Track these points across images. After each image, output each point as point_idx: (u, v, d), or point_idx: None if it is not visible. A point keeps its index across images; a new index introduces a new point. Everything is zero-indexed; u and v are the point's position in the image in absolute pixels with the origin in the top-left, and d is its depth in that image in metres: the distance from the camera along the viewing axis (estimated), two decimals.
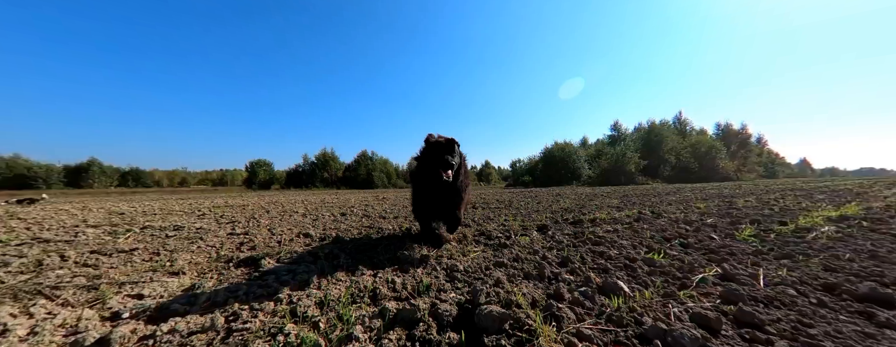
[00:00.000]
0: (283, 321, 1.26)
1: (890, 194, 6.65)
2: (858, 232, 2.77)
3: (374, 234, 3.44)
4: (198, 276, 2.06)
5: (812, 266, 1.82)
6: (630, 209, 5.08)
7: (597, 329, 1.11)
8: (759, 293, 1.40)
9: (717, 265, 1.88)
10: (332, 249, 2.69)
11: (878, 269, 1.74)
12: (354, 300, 1.46)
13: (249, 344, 1.09)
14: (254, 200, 10.66)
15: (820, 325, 1.12)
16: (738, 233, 2.90)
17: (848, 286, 1.45)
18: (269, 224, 4.48)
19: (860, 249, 2.19)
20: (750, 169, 36.12)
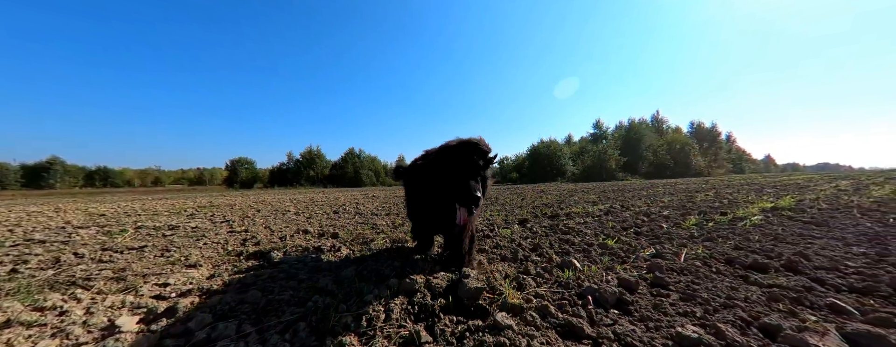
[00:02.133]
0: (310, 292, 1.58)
1: (827, 187, 7.58)
2: (778, 220, 3.36)
3: (368, 230, 3.75)
4: (213, 267, 2.31)
5: (725, 246, 2.31)
6: (603, 204, 5.62)
7: (549, 290, 1.51)
8: (676, 266, 1.84)
9: (653, 247, 2.35)
10: (333, 243, 2.99)
11: (772, 247, 2.24)
12: (363, 279, 1.80)
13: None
14: (239, 199, 10.62)
15: (705, 283, 1.56)
16: (684, 222, 3.42)
17: (741, 259, 1.93)
18: (264, 223, 4.69)
19: (770, 233, 2.72)
20: (719, 165, 38.62)
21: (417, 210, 2.05)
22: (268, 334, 1.22)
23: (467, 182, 1.47)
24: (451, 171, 1.53)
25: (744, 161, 47.12)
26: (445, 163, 1.57)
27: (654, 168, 33.24)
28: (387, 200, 8.66)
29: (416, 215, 2.12)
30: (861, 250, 2.10)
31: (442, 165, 1.59)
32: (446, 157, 1.58)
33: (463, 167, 1.52)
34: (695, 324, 1.15)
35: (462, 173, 1.51)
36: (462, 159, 1.54)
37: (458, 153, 1.56)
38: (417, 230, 2.30)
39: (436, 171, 1.63)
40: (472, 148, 1.56)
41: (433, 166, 1.66)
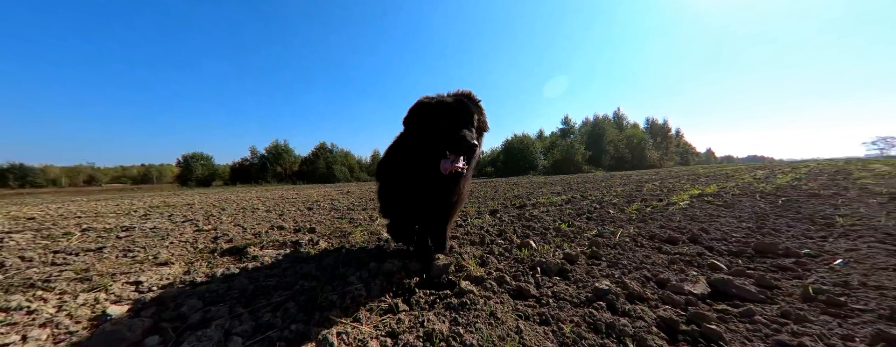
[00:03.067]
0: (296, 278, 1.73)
1: (746, 176, 8.98)
2: (699, 204, 4.03)
3: (346, 223, 3.85)
4: (187, 264, 2.32)
5: (653, 226, 2.80)
6: (566, 195, 6.19)
7: (507, 265, 1.80)
8: (611, 243, 2.25)
9: (598, 228, 2.78)
10: (311, 237, 3.07)
11: (686, 225, 2.77)
12: (345, 265, 1.97)
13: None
14: (198, 198, 9.90)
15: (628, 254, 1.96)
16: (627, 208, 3.98)
17: (660, 235, 2.39)
18: (233, 221, 4.55)
19: (689, 214, 3.31)
20: (669, 158, 43.05)
21: (395, 194, 1.77)
22: (259, 313, 1.36)
23: (459, 127, 1.28)
24: (440, 119, 1.31)
25: (689, 154, 52.92)
26: (432, 113, 1.34)
27: (616, 161, 36.16)
28: (362, 195, 8.65)
29: (394, 203, 1.83)
30: (747, 225, 2.69)
31: (428, 116, 1.35)
32: (432, 108, 1.35)
33: (453, 114, 1.31)
34: (611, 282, 1.50)
35: (453, 119, 1.30)
36: (451, 106, 1.32)
37: (445, 102, 1.34)
38: (396, 223, 2.01)
39: (420, 127, 1.39)
40: (447, 107, 1.33)
41: (417, 123, 1.41)
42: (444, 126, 1.31)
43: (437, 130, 1.33)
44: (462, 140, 1.25)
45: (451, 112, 1.33)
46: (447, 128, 1.30)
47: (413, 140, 1.46)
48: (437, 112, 1.35)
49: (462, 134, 1.27)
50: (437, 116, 1.34)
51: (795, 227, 2.54)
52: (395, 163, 1.69)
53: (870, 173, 7.32)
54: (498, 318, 1.18)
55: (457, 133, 1.27)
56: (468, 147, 1.24)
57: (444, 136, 1.29)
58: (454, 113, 1.33)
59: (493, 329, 1.10)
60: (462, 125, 1.31)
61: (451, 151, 1.28)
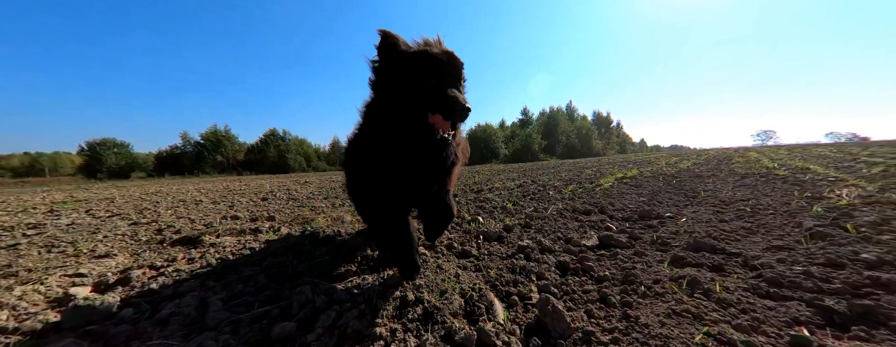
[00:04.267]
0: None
1: (662, 163, 10.81)
2: (619, 185, 4.93)
3: (307, 211, 3.89)
4: (133, 256, 2.25)
5: (578, 203, 3.45)
6: (519, 180, 6.88)
7: (457, 236, 2.18)
8: (543, 216, 2.78)
9: (535, 206, 3.34)
10: (272, 225, 3.11)
11: (602, 201, 3.47)
12: (313, 243, 2.16)
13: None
14: (116, 192, 8.58)
15: (552, 223, 2.49)
16: (565, 190, 4.69)
17: (580, 209, 3.01)
18: (175, 213, 4.23)
19: (608, 193, 4.09)
20: (611, 147, 48.68)
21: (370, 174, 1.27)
22: (232, 285, 1.51)
23: (446, 88, 1.03)
24: (423, 74, 1.04)
25: (627, 144, 60.38)
26: (413, 66, 1.05)
27: (567, 150, 39.74)
28: (323, 185, 8.43)
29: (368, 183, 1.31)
30: (643, 199, 3.48)
31: (407, 69, 1.06)
32: (414, 59, 1.06)
33: (441, 69, 1.05)
34: (532, 241, 1.96)
35: (441, 75, 1.05)
36: (440, 60, 1.06)
37: (431, 54, 1.07)
38: (370, 207, 1.43)
39: (395, 83, 1.10)
40: (433, 60, 1.06)
41: (391, 78, 1.11)
42: (429, 83, 1.04)
43: (419, 87, 1.04)
44: (454, 102, 0.98)
45: (438, 67, 1.05)
46: (433, 86, 1.03)
47: (387, 102, 1.12)
48: (419, 65, 1.05)
49: (454, 94, 1.00)
50: (420, 70, 1.05)
51: (673, 199, 3.38)
52: (369, 142, 1.25)
53: (743, 160, 9.41)
54: (443, 269, 1.53)
55: (447, 92, 1.00)
56: (461, 111, 0.98)
57: (431, 96, 1.02)
58: (443, 68, 1.06)
59: (437, 275, 1.44)
60: (451, 84, 1.06)
61: (443, 112, 1.01)
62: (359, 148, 1.36)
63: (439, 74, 1.08)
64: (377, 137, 1.22)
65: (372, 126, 1.26)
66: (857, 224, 1.83)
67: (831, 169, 5.24)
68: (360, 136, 1.36)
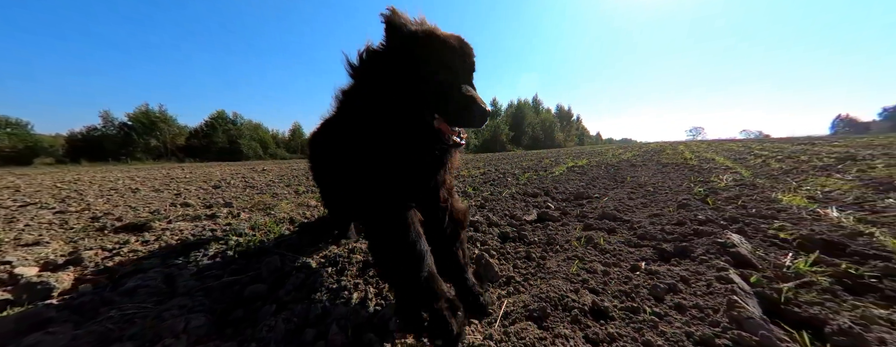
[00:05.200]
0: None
1: (611, 154, 12.15)
2: (568, 173, 5.59)
3: (269, 197, 3.87)
4: (69, 243, 2.07)
5: (530, 187, 3.94)
6: (484, 169, 7.34)
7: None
8: (498, 198, 3.17)
9: (492, 190, 3.75)
10: (230, 211, 3.08)
11: (549, 185, 4.00)
12: (277, 223, 2.28)
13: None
14: (17, 180, 7.28)
15: (503, 204, 2.89)
16: (521, 177, 5.21)
17: (530, 192, 3.47)
18: (111, 202, 3.89)
19: (557, 179, 4.66)
20: (571, 139, 52.41)
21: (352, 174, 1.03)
22: (196, 260, 1.56)
23: (461, 82, 0.85)
24: (432, 65, 0.84)
25: (585, 136, 65.44)
26: (419, 53, 0.84)
27: (532, 141, 41.95)
28: (283, 173, 8.09)
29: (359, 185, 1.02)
30: (583, 184, 4.08)
31: (411, 57, 0.85)
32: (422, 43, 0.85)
33: (454, 59, 0.86)
34: (482, 217, 2.33)
35: (452, 68, 0.86)
36: (453, 47, 0.87)
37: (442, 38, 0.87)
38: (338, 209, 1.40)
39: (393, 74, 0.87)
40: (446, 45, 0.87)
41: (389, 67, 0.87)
42: (438, 78, 0.83)
43: (425, 82, 0.83)
44: (471, 103, 0.80)
45: (449, 56, 0.85)
46: (443, 82, 0.83)
47: (380, 98, 0.87)
48: (426, 52, 0.84)
49: (469, 93, 0.81)
50: (427, 58, 0.84)
51: (606, 184, 4.02)
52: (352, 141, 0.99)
53: (672, 152, 11.00)
54: None
55: (463, 92, 0.82)
56: (480, 116, 0.81)
57: (441, 94, 0.82)
58: (455, 58, 0.86)
59: None
60: (464, 79, 0.87)
61: (453, 120, 0.83)
62: (337, 144, 1.07)
63: (450, 66, 0.85)
64: (363, 137, 0.93)
65: (357, 124, 0.95)
66: (716, 199, 2.48)
67: (729, 160, 6.48)
68: (340, 131, 1.04)
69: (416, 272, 0.85)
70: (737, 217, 1.92)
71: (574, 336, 0.84)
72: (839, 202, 2.38)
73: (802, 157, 6.02)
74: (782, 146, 10.28)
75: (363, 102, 0.94)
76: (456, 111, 0.85)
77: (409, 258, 0.87)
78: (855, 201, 2.39)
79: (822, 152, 6.59)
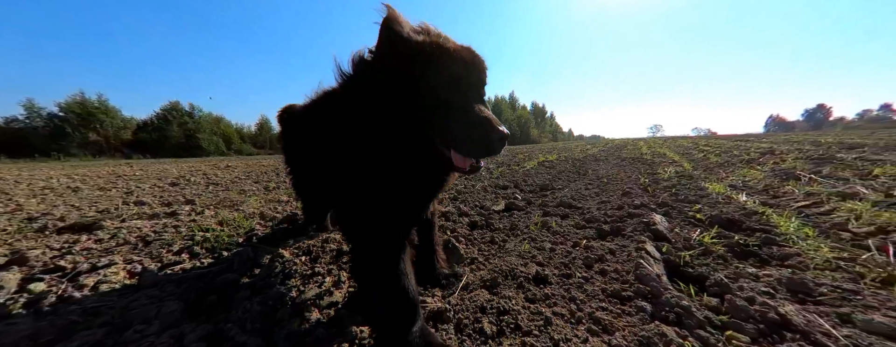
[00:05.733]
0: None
1: (578, 150, 12.91)
2: (537, 167, 5.94)
3: (236, 194, 3.74)
4: (3, 245, 1.89)
5: (502, 180, 4.17)
6: None
7: None
8: (470, 191, 3.36)
9: (466, 183, 3.94)
10: (193, 208, 2.96)
11: (519, 178, 4.26)
12: (248, 218, 2.27)
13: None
14: None
15: (475, 195, 3.07)
16: (495, 171, 5.46)
17: (500, 185, 3.70)
18: (44, 202, 3.53)
19: (527, 173, 4.96)
20: (545, 135, 54.58)
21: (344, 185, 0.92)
22: (160, 256, 1.53)
23: (472, 101, 0.77)
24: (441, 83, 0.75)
25: (558, 133, 68.48)
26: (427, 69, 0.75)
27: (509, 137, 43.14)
28: (251, 169, 7.72)
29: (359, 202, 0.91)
30: (550, 176, 4.40)
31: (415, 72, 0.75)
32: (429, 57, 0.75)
33: (466, 75, 0.78)
34: (455, 208, 2.49)
35: (462, 86, 0.78)
36: (465, 60, 0.79)
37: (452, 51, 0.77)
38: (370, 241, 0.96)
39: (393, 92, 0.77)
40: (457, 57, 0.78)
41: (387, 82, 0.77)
42: (445, 96, 0.75)
43: (432, 103, 0.75)
44: (488, 129, 0.72)
45: (460, 72, 0.76)
46: (452, 103, 0.75)
47: (379, 120, 0.79)
48: (436, 68, 0.75)
49: (486, 116, 0.74)
50: (435, 76, 0.75)
51: (570, 176, 4.37)
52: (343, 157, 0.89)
53: (633, 148, 11.97)
54: None
55: (476, 113, 0.74)
56: (499, 141, 0.72)
57: (452, 120, 0.74)
58: (467, 75, 0.78)
59: None
60: (476, 98, 0.79)
61: (466, 148, 0.74)
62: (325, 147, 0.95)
63: (462, 85, 0.76)
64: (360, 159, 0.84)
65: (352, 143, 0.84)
66: (656, 188, 2.85)
67: (677, 154, 7.23)
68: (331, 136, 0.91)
69: (409, 326, 0.79)
70: (667, 202, 2.26)
71: (517, 296, 1.02)
72: (751, 189, 2.85)
73: (735, 152, 6.90)
74: (722, 143, 11.59)
75: (358, 121, 0.82)
76: (469, 138, 0.72)
77: (401, 309, 0.80)
78: (763, 189, 2.87)
79: (751, 148, 7.58)
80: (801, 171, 3.56)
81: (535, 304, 0.98)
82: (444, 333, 0.88)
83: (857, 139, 8.44)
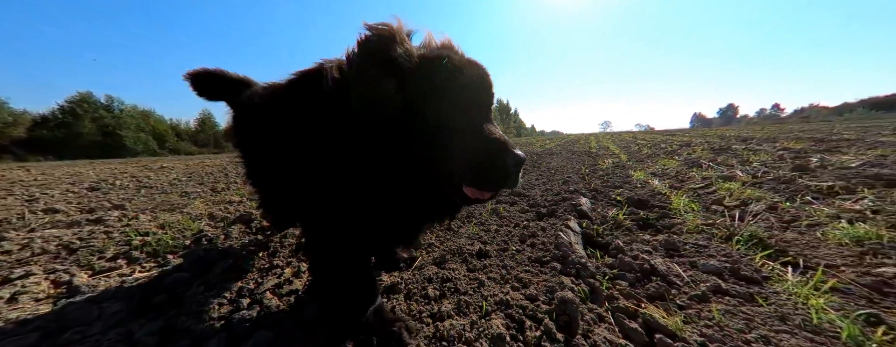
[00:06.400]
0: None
1: (538, 144, 13.82)
2: None
3: (177, 196, 3.42)
4: None
5: None
6: None
7: None
8: None
9: None
10: (123, 213, 2.67)
11: None
12: (193, 220, 2.16)
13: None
14: None
15: None
16: None
17: None
18: None
19: None
20: (509, 131, 57.02)
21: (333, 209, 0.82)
22: (92, 262, 1.41)
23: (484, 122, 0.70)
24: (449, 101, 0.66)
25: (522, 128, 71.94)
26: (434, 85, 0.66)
27: None
28: (193, 170, 6.97)
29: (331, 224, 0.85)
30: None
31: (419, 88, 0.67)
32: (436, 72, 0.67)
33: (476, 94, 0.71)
34: None
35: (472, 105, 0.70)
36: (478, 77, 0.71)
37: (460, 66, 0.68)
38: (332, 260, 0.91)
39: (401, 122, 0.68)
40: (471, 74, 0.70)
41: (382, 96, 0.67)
42: (457, 120, 0.67)
43: (440, 126, 0.67)
44: (505, 154, 0.65)
45: (472, 90, 0.70)
46: (465, 127, 0.68)
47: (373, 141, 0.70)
48: (442, 85, 0.67)
49: (496, 137, 0.67)
50: (442, 93, 0.67)
51: (525, 169, 4.76)
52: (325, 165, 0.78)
53: (584, 142, 13.17)
54: None
55: (486, 136, 0.67)
56: (515, 166, 0.65)
57: (463, 146, 0.66)
58: (477, 93, 0.71)
59: None
60: (486, 118, 0.71)
61: (476, 180, 0.67)
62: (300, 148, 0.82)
63: (469, 104, 0.69)
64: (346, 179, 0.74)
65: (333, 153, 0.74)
66: (592, 176, 3.28)
67: (618, 148, 8.19)
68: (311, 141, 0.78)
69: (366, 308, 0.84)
70: (597, 188, 2.65)
71: (460, 268, 1.20)
72: (664, 176, 3.43)
73: (663, 145, 8.03)
74: (656, 137, 13.33)
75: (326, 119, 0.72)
76: (479, 168, 0.63)
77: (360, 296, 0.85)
78: (674, 175, 3.47)
79: (675, 142, 8.89)
80: (703, 160, 4.35)
81: (475, 273, 1.16)
82: (395, 301, 1.01)
83: (751, 133, 10.37)
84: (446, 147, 0.65)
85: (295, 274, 1.30)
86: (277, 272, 1.32)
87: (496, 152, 0.64)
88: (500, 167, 0.63)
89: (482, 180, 0.66)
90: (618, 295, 1.01)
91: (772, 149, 4.97)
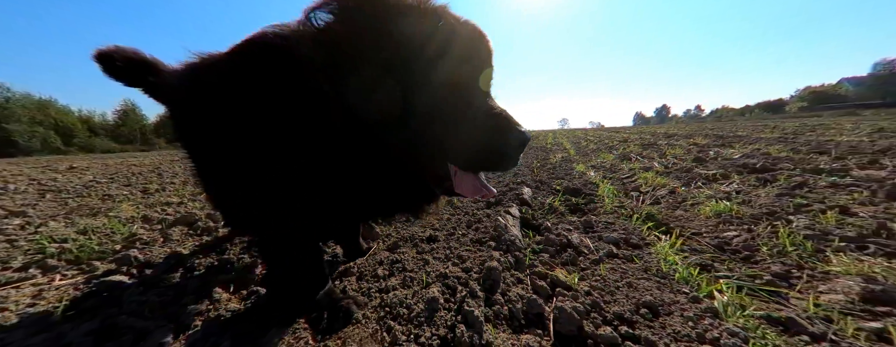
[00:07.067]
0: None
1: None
2: None
3: (98, 200, 3.05)
4: None
5: None
6: None
7: None
8: None
9: None
10: (26, 221, 2.35)
11: None
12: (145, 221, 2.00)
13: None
14: None
15: None
16: None
17: None
18: None
19: None
20: None
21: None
22: (1, 277, 1.30)
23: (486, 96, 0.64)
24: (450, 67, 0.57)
25: None
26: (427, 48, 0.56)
27: None
28: (115, 171, 6.09)
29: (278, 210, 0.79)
30: None
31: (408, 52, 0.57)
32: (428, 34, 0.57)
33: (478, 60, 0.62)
34: None
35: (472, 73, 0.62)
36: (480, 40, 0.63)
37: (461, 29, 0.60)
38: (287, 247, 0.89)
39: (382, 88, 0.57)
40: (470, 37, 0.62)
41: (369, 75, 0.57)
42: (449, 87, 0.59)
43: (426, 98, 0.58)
44: (507, 130, 0.59)
45: (474, 56, 0.62)
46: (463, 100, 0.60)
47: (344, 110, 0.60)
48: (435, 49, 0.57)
49: (500, 113, 0.60)
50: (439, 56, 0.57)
51: None
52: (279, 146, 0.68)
53: (543, 138, 14.12)
54: None
55: (489, 111, 0.60)
56: (518, 148, 0.60)
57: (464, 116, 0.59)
58: (479, 59, 0.63)
59: None
60: (486, 92, 0.64)
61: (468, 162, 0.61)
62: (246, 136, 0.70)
63: (469, 71, 0.60)
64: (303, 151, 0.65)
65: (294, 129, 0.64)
66: (540, 169, 3.65)
67: (569, 143, 8.97)
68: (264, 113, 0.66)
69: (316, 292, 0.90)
70: (542, 179, 2.98)
71: (410, 251, 1.34)
72: (600, 168, 3.93)
73: (606, 141, 9.02)
74: (603, 134, 14.83)
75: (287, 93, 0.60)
76: (478, 147, 0.56)
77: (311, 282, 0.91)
78: (609, 167, 3.99)
79: (616, 138, 10.03)
80: (633, 154, 5.04)
81: (422, 255, 1.31)
82: (347, 283, 1.12)
83: (676, 131, 12.08)
84: (440, 124, 0.55)
85: (246, 269, 1.32)
86: (227, 267, 1.33)
87: (499, 130, 0.56)
88: (502, 148, 0.56)
89: (480, 162, 0.58)
90: (538, 264, 1.23)
91: (686, 144, 5.93)
